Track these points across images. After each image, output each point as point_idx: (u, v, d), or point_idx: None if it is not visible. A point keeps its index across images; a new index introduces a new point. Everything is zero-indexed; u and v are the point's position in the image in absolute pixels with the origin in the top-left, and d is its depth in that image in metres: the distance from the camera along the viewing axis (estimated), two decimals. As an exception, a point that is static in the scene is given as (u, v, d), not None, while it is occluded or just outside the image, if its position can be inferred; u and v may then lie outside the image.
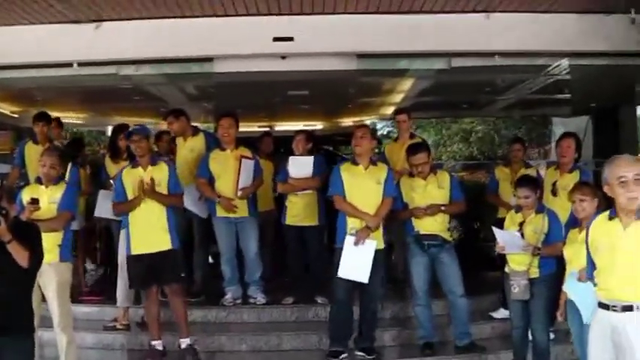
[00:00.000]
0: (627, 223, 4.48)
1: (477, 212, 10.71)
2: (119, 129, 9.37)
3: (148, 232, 7.47)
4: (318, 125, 18.00)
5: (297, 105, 15.50)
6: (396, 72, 12.15)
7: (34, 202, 6.92)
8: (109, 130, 17.57)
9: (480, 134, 26.21)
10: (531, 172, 8.84)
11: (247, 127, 15.77)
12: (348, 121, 17.93)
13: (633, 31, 10.42)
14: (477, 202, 9.93)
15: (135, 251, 7.50)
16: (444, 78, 12.26)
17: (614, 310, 4.47)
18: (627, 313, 4.41)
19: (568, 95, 14.78)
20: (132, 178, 7.55)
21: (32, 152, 9.18)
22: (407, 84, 13.70)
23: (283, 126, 17.59)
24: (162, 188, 7.52)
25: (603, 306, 4.55)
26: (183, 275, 7.88)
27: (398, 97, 14.96)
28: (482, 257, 10.47)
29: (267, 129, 15.73)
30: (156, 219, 7.48)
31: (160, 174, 7.58)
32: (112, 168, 8.97)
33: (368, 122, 17.24)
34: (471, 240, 11.90)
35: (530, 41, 10.30)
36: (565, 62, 11.48)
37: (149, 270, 7.45)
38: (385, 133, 23.30)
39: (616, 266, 4.48)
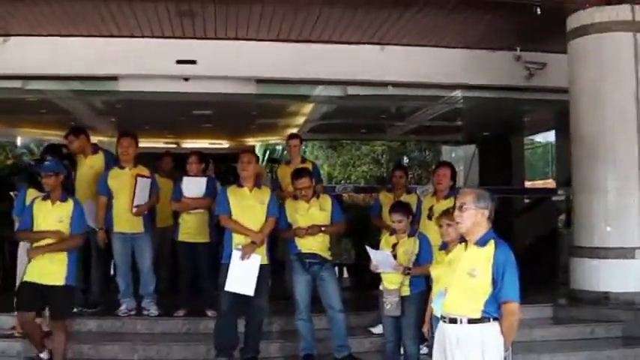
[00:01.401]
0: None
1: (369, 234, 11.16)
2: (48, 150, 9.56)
3: (47, 262, 7.35)
4: (223, 144, 18.33)
5: (202, 124, 15.80)
6: (295, 97, 12.62)
7: None
8: (19, 140, 17.67)
9: (388, 156, 26.75)
10: (412, 197, 9.41)
11: (154, 144, 16.12)
12: (252, 141, 18.33)
13: (518, 67, 11.12)
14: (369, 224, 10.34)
15: (28, 278, 7.42)
16: (342, 104, 12.76)
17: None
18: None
19: (459, 124, 15.39)
20: (43, 209, 7.51)
21: None
22: (307, 108, 14.19)
23: (189, 143, 17.84)
24: (64, 224, 7.43)
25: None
26: (74, 310, 8.01)
27: (300, 120, 15.42)
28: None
29: (171, 146, 15.98)
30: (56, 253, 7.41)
31: (64, 210, 7.50)
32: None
33: (275, 141, 17.67)
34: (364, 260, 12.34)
35: (421, 73, 10.88)
36: (457, 93, 12.05)
37: (39, 298, 7.38)
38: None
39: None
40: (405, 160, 25.72)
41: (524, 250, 11.26)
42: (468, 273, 5.02)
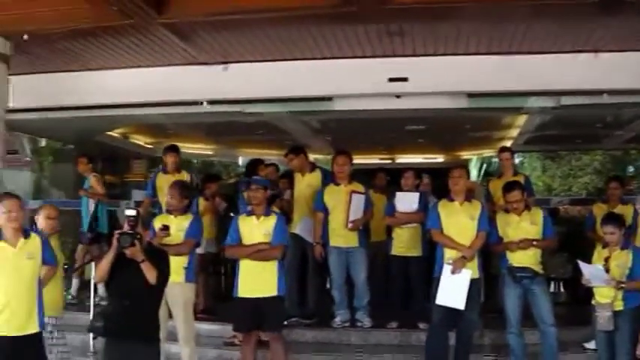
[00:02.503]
0: None
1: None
2: (254, 164, 10.19)
3: (258, 275, 7.69)
4: (438, 158, 18.43)
5: (415, 139, 16.01)
6: (507, 109, 12.53)
7: (165, 228, 7.86)
8: (240, 160, 18.62)
9: (611, 166, 25.74)
10: (628, 209, 9.15)
11: (368, 160, 16.49)
12: (467, 154, 18.30)
13: None
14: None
15: (241, 294, 7.78)
16: (556, 114, 12.54)
17: None
18: None
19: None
20: (246, 225, 7.85)
21: (162, 182, 10.05)
22: (521, 120, 14.06)
23: (404, 159, 18.07)
24: (269, 238, 7.69)
25: None
26: (285, 323, 8.29)
27: (514, 132, 15.30)
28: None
29: (385, 162, 16.27)
30: (269, 264, 7.71)
31: (269, 224, 7.77)
32: None
33: (489, 154, 17.57)
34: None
35: (637, 79, 10.49)
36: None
37: (253, 314, 7.67)
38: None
39: None
40: (630, 169, 24.63)
41: None
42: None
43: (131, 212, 6.26)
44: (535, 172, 23.65)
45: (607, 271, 7.22)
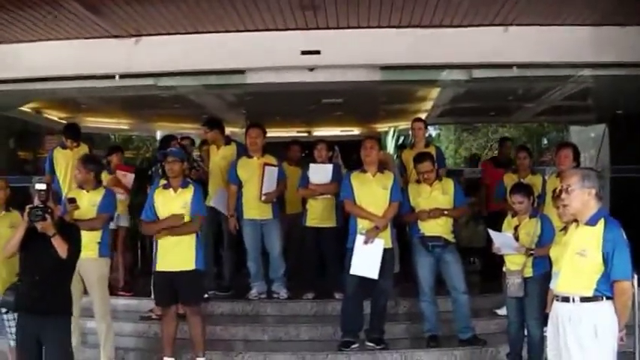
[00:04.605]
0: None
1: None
2: (167, 139, 10.06)
3: (175, 249, 7.65)
4: (354, 131, 18.50)
5: (332, 112, 16.02)
6: (420, 82, 12.66)
7: (72, 201, 7.70)
8: (158, 134, 18.43)
9: (526, 138, 26.24)
10: (537, 178, 9.34)
11: (285, 133, 16.46)
12: (382, 127, 18.41)
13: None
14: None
15: (159, 268, 7.75)
16: (468, 87, 12.71)
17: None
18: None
19: (589, 103, 15.00)
20: (163, 198, 7.80)
21: (60, 157, 10.01)
22: (434, 93, 14.22)
23: (321, 132, 18.03)
24: (187, 210, 7.66)
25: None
26: (206, 296, 8.28)
27: (428, 105, 15.42)
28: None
29: (303, 135, 16.28)
30: (186, 237, 7.66)
31: (186, 196, 7.75)
32: None
33: (404, 127, 17.71)
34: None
35: (546, 53, 10.68)
36: (585, 72, 11.78)
37: (171, 288, 7.66)
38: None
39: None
40: (545, 142, 25.16)
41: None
42: (577, 253, 5.09)
43: (41, 186, 6.19)
44: (451, 145, 23.95)
45: (516, 239, 7.39)
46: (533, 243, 7.35)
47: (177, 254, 7.62)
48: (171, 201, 7.73)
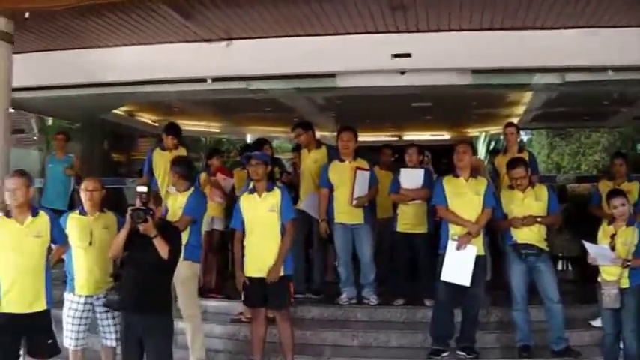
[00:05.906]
0: None
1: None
2: (260, 143, 10.16)
3: (263, 256, 7.65)
4: (444, 135, 18.39)
5: (422, 116, 15.97)
6: (512, 86, 12.48)
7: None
8: (248, 138, 18.66)
9: (620, 144, 25.56)
10: (633, 186, 9.17)
11: (375, 137, 16.47)
12: (473, 132, 18.26)
13: None
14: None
15: (248, 273, 7.75)
16: (562, 91, 12.49)
17: None
18: None
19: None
20: (248, 203, 7.81)
21: (159, 159, 10.11)
22: (527, 97, 14.03)
23: (411, 136, 17.99)
24: (276, 214, 7.66)
25: None
26: (292, 300, 8.17)
27: (520, 109, 15.27)
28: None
29: (392, 139, 16.25)
30: (274, 244, 7.65)
31: (274, 200, 7.73)
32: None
33: (496, 131, 17.50)
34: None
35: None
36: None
37: (260, 292, 7.66)
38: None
39: None
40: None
41: None
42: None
43: (142, 189, 6.38)
44: (543, 150, 23.55)
45: (613, 248, 7.23)
46: (630, 252, 7.18)
47: (265, 261, 7.63)
48: (256, 206, 7.75)
